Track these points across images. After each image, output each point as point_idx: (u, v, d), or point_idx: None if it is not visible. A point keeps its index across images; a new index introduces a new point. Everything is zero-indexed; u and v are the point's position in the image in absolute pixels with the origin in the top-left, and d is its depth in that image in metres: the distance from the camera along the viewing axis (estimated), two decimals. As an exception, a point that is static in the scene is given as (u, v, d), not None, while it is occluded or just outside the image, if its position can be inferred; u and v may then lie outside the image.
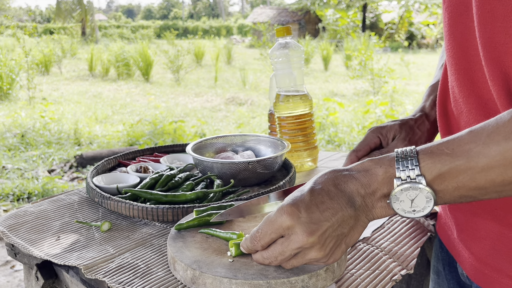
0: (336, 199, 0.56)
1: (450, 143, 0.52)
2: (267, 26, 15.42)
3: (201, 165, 1.06)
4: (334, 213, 0.56)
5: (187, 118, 6.78)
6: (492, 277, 0.65)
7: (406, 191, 0.53)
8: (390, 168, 0.55)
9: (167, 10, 73.37)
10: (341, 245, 0.59)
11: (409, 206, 0.54)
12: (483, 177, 0.50)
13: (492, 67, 0.57)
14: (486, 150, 0.49)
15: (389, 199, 0.55)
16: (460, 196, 0.53)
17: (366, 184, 0.56)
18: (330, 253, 0.58)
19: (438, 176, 0.52)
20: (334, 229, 0.57)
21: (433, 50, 20.76)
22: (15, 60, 8.16)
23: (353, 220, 0.57)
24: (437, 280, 0.84)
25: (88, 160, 4.45)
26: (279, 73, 1.14)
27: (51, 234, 0.85)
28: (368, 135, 0.89)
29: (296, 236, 0.57)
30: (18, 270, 2.63)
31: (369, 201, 0.56)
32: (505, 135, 0.48)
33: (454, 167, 0.51)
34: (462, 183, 0.51)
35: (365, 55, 9.10)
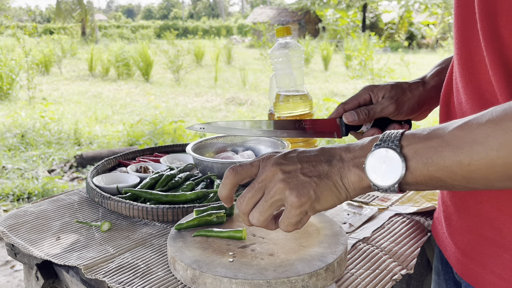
0: (315, 155, 0.61)
1: (433, 127, 0.55)
2: (267, 26, 15.42)
3: (201, 165, 1.06)
4: (308, 160, 0.61)
5: (187, 118, 6.78)
6: (477, 271, 0.66)
7: (381, 156, 0.56)
8: (376, 140, 0.58)
9: (167, 10, 73.38)
10: (307, 188, 0.59)
11: (380, 172, 0.56)
12: (452, 156, 0.51)
13: (494, 58, 0.58)
14: (459, 131, 0.51)
15: (365, 162, 0.57)
16: (430, 176, 0.54)
17: (350, 149, 0.60)
18: (294, 190, 0.59)
19: (413, 148, 0.54)
20: (303, 172, 0.60)
21: (433, 50, 20.76)
22: (15, 60, 8.16)
23: (325, 174, 0.60)
24: (437, 280, 0.84)
25: (88, 160, 4.45)
26: (279, 73, 1.14)
27: (51, 234, 0.85)
28: (360, 91, 0.91)
29: (265, 167, 0.61)
30: (18, 270, 2.63)
31: (347, 164, 0.59)
32: (479, 121, 0.50)
33: (428, 143, 0.53)
34: (431, 160, 0.53)
35: (365, 55, 9.11)
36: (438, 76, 0.92)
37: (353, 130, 0.88)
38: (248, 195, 0.62)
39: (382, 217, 0.93)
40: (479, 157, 0.50)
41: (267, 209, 0.61)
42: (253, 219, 0.63)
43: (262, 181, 0.61)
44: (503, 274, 0.62)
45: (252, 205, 0.62)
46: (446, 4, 22.17)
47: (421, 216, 0.93)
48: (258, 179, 0.62)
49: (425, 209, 0.94)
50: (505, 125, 0.48)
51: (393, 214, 0.94)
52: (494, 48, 0.57)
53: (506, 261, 0.61)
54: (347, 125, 0.87)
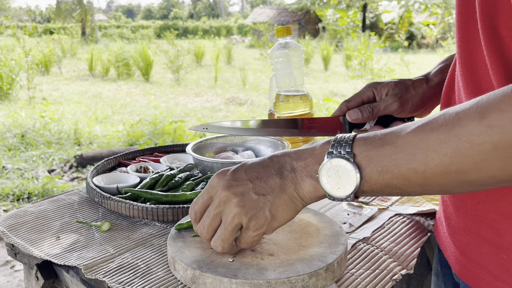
0: (265, 167, 0.60)
1: (385, 131, 0.54)
2: (267, 26, 15.42)
3: (201, 165, 1.06)
4: (258, 177, 0.59)
5: (187, 118, 6.78)
6: (474, 272, 0.66)
7: (334, 166, 0.55)
8: (326, 145, 0.57)
9: (167, 10, 73.36)
10: (264, 210, 0.59)
11: (335, 183, 0.55)
12: (406, 164, 0.51)
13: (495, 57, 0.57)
14: (412, 137, 0.51)
15: (318, 173, 0.56)
16: (386, 184, 0.53)
17: (301, 157, 0.58)
18: (249, 212, 0.59)
19: (366, 156, 0.54)
20: (255, 191, 0.58)
21: (433, 50, 20.76)
22: (15, 60, 8.16)
23: (278, 188, 0.58)
24: (437, 282, 0.84)
25: (88, 160, 4.45)
26: (279, 73, 1.14)
27: (51, 234, 0.85)
28: (364, 88, 0.90)
29: (216, 193, 0.60)
30: (18, 270, 2.63)
31: (299, 174, 0.58)
32: (432, 127, 0.49)
33: (381, 150, 0.53)
34: (386, 168, 0.52)
35: (365, 55, 9.11)
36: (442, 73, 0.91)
37: (357, 128, 0.88)
38: (206, 223, 0.62)
39: (382, 217, 0.93)
40: (434, 164, 0.49)
41: (228, 236, 0.62)
42: (217, 247, 0.63)
43: (216, 207, 0.61)
44: (500, 275, 0.62)
45: (213, 231, 0.63)
46: (446, 4, 22.17)
47: (421, 216, 0.93)
48: (213, 206, 0.61)
49: (425, 211, 0.94)
50: (458, 131, 0.47)
51: (393, 214, 0.94)
52: (494, 48, 0.57)
53: (504, 262, 0.61)
54: (350, 123, 0.86)
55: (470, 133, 0.47)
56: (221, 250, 0.64)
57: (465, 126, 0.47)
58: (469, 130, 0.47)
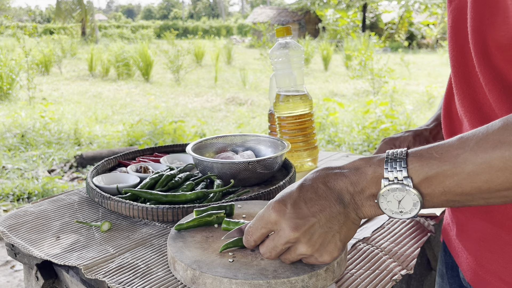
0: (325, 196, 0.58)
1: (440, 147, 0.52)
2: (267, 26, 15.41)
3: (201, 165, 1.06)
4: (321, 209, 0.58)
5: (187, 118, 6.78)
6: (487, 280, 0.65)
7: (393, 192, 0.54)
8: (378, 168, 0.55)
9: (167, 10, 73.36)
10: (334, 241, 0.59)
11: (396, 207, 0.55)
12: (469, 184, 0.50)
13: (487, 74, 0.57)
14: (473, 157, 0.49)
15: (377, 199, 0.55)
16: (447, 201, 0.53)
17: (355, 182, 0.57)
18: (320, 249, 0.59)
19: (425, 179, 0.52)
20: (322, 225, 0.58)
21: (433, 50, 20.76)
22: (15, 60, 8.16)
23: (343, 216, 0.58)
24: (441, 284, 0.84)
25: (88, 160, 4.45)
26: (279, 73, 1.14)
27: (51, 234, 0.85)
28: (381, 146, 0.88)
29: (282, 231, 0.59)
30: (18, 270, 2.63)
31: (358, 199, 0.57)
32: (492, 144, 0.48)
33: (441, 171, 0.51)
34: (448, 188, 0.51)
35: (365, 55, 9.10)
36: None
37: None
38: (274, 253, 0.63)
39: (382, 217, 0.93)
40: (499, 182, 0.49)
41: (295, 259, 0.63)
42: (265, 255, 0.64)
43: (285, 244, 0.61)
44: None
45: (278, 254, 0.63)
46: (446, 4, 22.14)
47: (421, 216, 0.93)
48: (280, 243, 0.61)
49: (425, 215, 0.94)
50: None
51: (393, 214, 0.94)
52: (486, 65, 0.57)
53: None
54: None
55: None
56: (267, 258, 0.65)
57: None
58: None
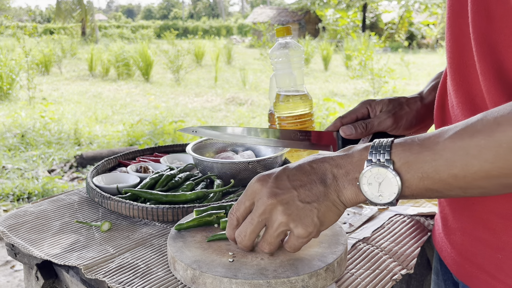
0: (308, 174, 0.60)
1: (423, 135, 0.55)
2: (267, 26, 15.42)
3: (201, 165, 1.06)
4: (302, 185, 0.59)
5: (187, 118, 6.78)
6: (472, 272, 0.66)
7: (375, 174, 0.56)
8: (364, 152, 0.58)
9: (167, 10, 73.37)
10: (311, 216, 0.60)
11: (376, 190, 0.56)
12: (446, 170, 0.51)
13: (485, 63, 0.57)
14: (451, 144, 0.51)
15: (359, 181, 0.57)
16: (426, 189, 0.54)
17: (340, 164, 0.59)
18: (296, 219, 0.60)
19: (405, 163, 0.54)
20: (300, 199, 0.59)
21: (433, 50, 20.76)
22: (15, 60, 8.16)
23: (323, 195, 0.59)
24: (437, 281, 0.84)
25: (88, 160, 4.45)
26: (279, 73, 1.14)
27: (51, 234, 0.85)
28: (358, 105, 0.92)
29: (261, 200, 0.60)
30: (18, 270, 2.63)
31: (341, 181, 0.59)
32: (470, 133, 0.50)
33: (421, 156, 0.53)
34: (426, 174, 0.53)
35: (365, 55, 9.11)
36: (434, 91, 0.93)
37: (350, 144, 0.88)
38: (249, 230, 0.63)
39: (382, 217, 0.93)
40: (474, 170, 0.50)
41: (275, 240, 0.63)
42: (264, 249, 0.65)
43: (261, 215, 0.61)
44: (497, 275, 0.62)
45: (255, 238, 0.64)
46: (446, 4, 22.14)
47: (421, 216, 0.93)
48: (257, 214, 0.61)
49: (425, 214, 0.94)
50: (498, 137, 0.48)
51: (393, 214, 0.94)
52: (485, 53, 0.57)
53: (500, 262, 0.61)
54: (344, 139, 0.86)
55: (510, 139, 0.47)
56: (268, 251, 0.65)
57: (505, 131, 0.48)
58: (509, 136, 0.47)
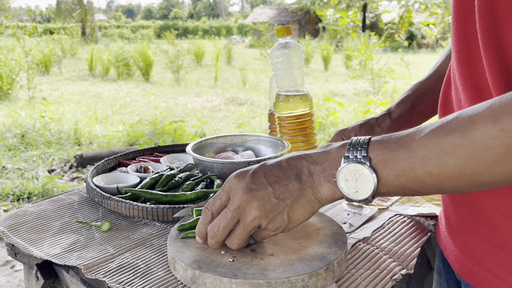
0: (284, 170, 0.60)
1: (400, 133, 0.55)
2: (267, 26, 15.42)
3: (201, 165, 1.06)
4: (277, 181, 0.60)
5: (187, 118, 6.78)
6: (474, 270, 0.66)
7: (351, 171, 0.56)
8: (342, 149, 0.58)
9: (167, 10, 73.36)
10: (282, 214, 0.61)
11: (352, 187, 0.57)
12: (422, 167, 0.52)
13: (491, 58, 0.57)
14: (427, 141, 0.52)
15: (335, 177, 0.57)
16: (402, 186, 0.55)
17: (317, 161, 0.59)
18: (269, 215, 0.61)
19: (382, 160, 0.55)
20: (275, 195, 0.60)
21: (433, 50, 20.76)
22: (15, 60, 8.16)
23: (297, 192, 0.60)
24: (439, 280, 0.85)
25: (88, 160, 4.45)
26: (279, 73, 1.14)
27: (51, 234, 0.85)
28: (333, 137, 0.95)
29: (236, 195, 0.61)
30: (18, 270, 2.63)
31: (317, 178, 0.59)
32: (445, 130, 0.50)
33: (396, 153, 0.54)
34: (402, 171, 0.53)
35: (365, 55, 9.11)
36: (403, 104, 0.97)
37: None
38: (222, 224, 0.63)
39: (382, 217, 0.93)
40: (449, 167, 0.50)
41: (245, 236, 0.64)
42: (233, 245, 0.65)
43: (235, 209, 0.62)
44: (499, 273, 0.62)
45: (227, 233, 0.64)
46: (446, 4, 22.17)
47: (421, 216, 0.93)
48: (231, 208, 0.62)
49: (425, 214, 0.94)
50: (472, 135, 0.48)
51: (393, 214, 0.94)
52: (492, 49, 0.57)
53: (503, 260, 0.61)
54: None
55: (484, 136, 0.47)
56: (236, 247, 0.66)
57: (479, 129, 0.48)
58: (483, 134, 0.48)
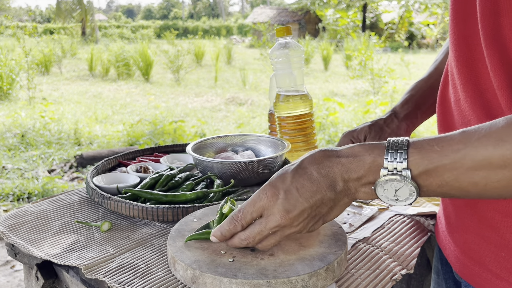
0: (317, 183, 0.58)
1: (441, 140, 0.53)
2: (267, 26, 15.42)
3: (201, 165, 1.06)
4: (312, 196, 0.59)
5: (187, 118, 6.78)
6: (475, 270, 0.66)
7: (391, 182, 0.54)
8: (378, 158, 0.55)
9: (167, 10, 73.35)
10: (319, 222, 0.62)
11: (392, 195, 0.56)
12: (467, 179, 0.51)
13: (495, 58, 0.57)
14: (474, 153, 0.49)
15: (374, 186, 0.56)
16: (443, 193, 0.54)
17: (352, 169, 0.57)
18: (307, 228, 0.62)
19: (424, 172, 0.53)
20: (312, 210, 0.60)
21: (433, 50, 20.76)
22: (15, 60, 8.16)
23: (333, 202, 0.60)
24: (437, 280, 0.84)
25: (88, 160, 4.45)
26: (279, 73, 1.14)
27: (51, 234, 0.85)
28: (341, 139, 0.93)
29: (273, 216, 0.60)
30: (18, 270, 2.63)
31: (352, 186, 0.58)
32: (494, 141, 0.48)
33: (440, 165, 0.52)
34: (446, 182, 0.52)
35: (365, 55, 9.10)
36: (407, 104, 0.96)
37: None
38: (258, 238, 0.63)
39: (382, 217, 0.93)
40: (496, 179, 0.49)
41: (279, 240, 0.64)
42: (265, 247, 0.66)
43: (274, 228, 0.61)
44: (500, 273, 0.62)
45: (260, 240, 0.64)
46: (446, 4, 22.15)
47: (421, 216, 0.93)
48: (268, 227, 0.61)
49: (425, 213, 0.94)
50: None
51: (393, 214, 0.94)
52: (495, 49, 0.57)
53: (503, 260, 0.61)
54: None
55: None
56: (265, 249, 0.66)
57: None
58: None
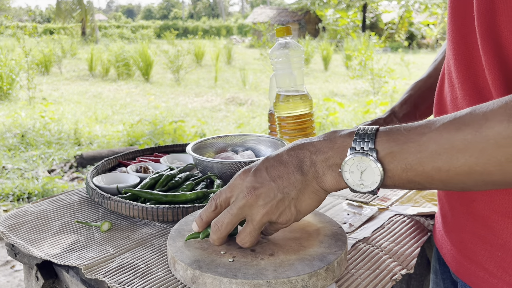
0: (285, 163, 0.60)
1: (409, 126, 0.54)
2: (267, 26, 15.43)
3: (201, 165, 1.06)
4: (280, 176, 0.60)
5: (187, 118, 6.78)
6: (471, 270, 0.66)
7: (357, 162, 0.55)
8: (348, 139, 0.57)
9: (167, 10, 73.37)
10: (290, 207, 0.61)
11: (358, 179, 0.56)
12: (430, 163, 0.51)
13: (490, 56, 0.57)
14: (437, 136, 0.50)
15: (341, 168, 0.56)
16: (408, 180, 0.54)
17: (320, 150, 0.58)
18: (277, 212, 0.61)
19: (389, 153, 0.53)
20: (279, 190, 0.60)
21: (433, 50, 20.77)
22: (15, 60, 8.16)
23: (300, 184, 0.59)
24: (435, 280, 0.85)
25: (88, 160, 4.45)
26: (279, 73, 1.14)
27: (51, 234, 0.85)
28: None
29: (241, 193, 0.61)
30: (18, 270, 2.63)
31: (320, 167, 0.58)
32: (457, 126, 0.49)
33: (405, 147, 0.52)
34: (410, 165, 0.52)
35: (365, 55, 9.11)
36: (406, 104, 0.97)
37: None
38: (227, 220, 0.63)
39: (382, 217, 0.93)
40: (458, 164, 0.50)
41: (257, 233, 0.64)
42: (245, 243, 0.66)
43: (241, 208, 0.62)
44: (496, 272, 0.62)
45: (231, 229, 0.65)
46: (446, 4, 22.14)
47: (421, 216, 0.93)
48: (237, 206, 0.62)
49: (425, 213, 0.94)
50: (485, 133, 0.47)
51: (393, 214, 0.94)
52: (491, 47, 0.57)
53: (499, 259, 0.61)
54: None
55: (498, 135, 0.47)
56: (249, 245, 0.66)
57: (493, 128, 0.47)
58: (497, 132, 0.47)
